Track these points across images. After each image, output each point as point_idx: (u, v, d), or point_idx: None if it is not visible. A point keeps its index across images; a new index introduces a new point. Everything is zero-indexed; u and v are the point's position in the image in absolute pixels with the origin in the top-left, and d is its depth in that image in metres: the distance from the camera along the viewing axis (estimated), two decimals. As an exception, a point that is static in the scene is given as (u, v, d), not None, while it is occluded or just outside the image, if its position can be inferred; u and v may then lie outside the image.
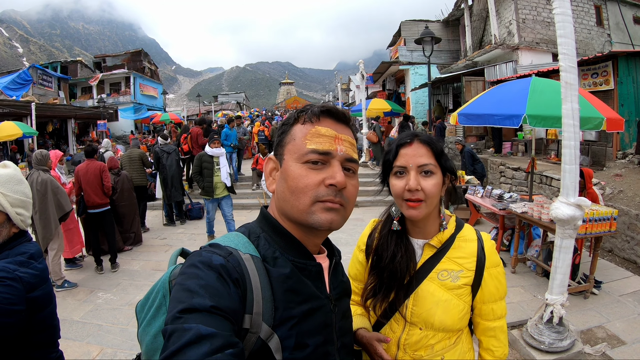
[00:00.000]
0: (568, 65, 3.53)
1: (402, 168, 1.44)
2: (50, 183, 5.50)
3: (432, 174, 1.42)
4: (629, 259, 6.61)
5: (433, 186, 1.40)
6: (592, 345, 4.09)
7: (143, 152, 9.82)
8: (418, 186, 1.39)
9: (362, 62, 16.13)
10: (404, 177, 1.44)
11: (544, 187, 9.20)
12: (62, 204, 5.55)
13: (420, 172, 1.42)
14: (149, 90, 36.41)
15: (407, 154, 1.44)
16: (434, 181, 1.41)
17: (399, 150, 1.47)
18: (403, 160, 1.44)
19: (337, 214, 1.00)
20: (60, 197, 5.54)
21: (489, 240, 1.57)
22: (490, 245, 1.54)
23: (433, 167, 1.42)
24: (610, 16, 17.02)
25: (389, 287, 1.50)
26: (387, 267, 1.50)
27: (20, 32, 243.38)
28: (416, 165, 1.42)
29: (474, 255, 1.49)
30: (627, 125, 10.07)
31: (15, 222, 1.74)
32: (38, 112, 16.70)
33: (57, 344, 1.85)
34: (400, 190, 1.43)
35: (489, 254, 1.51)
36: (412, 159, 1.42)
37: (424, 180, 1.41)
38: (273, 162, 1.10)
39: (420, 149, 1.44)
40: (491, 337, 1.54)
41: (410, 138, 1.47)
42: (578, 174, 3.73)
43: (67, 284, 5.86)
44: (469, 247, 1.51)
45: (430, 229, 1.53)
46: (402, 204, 1.44)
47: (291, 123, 1.09)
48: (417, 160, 1.42)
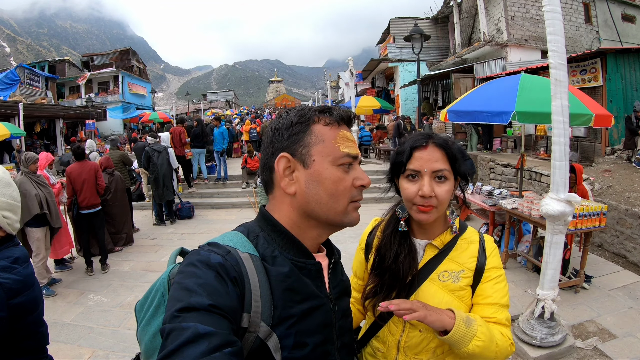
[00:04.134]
0: (558, 62, 3.55)
1: (415, 172, 1.39)
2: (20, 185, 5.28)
3: (446, 180, 1.38)
4: (619, 254, 6.68)
5: (446, 192, 1.37)
6: (584, 339, 4.13)
7: (123, 153, 9.65)
8: (432, 193, 1.35)
9: (352, 60, 16.15)
10: (417, 182, 1.39)
11: (534, 183, 9.26)
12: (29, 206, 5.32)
13: (434, 177, 1.37)
14: (138, 89, 36.15)
15: (422, 157, 1.39)
16: (447, 187, 1.38)
17: (413, 153, 1.41)
18: (417, 164, 1.39)
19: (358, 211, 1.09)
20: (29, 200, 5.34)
21: (491, 242, 1.54)
22: (492, 247, 1.52)
23: (447, 173, 1.38)
24: (598, 13, 17.21)
25: (391, 287, 1.47)
26: (389, 267, 1.46)
27: (7, 31, 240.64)
28: (431, 171, 1.37)
29: (474, 256, 1.47)
30: (616, 122, 10.17)
31: (2, 225, 1.69)
32: (26, 112, 16.44)
33: (45, 349, 1.80)
34: (412, 195, 1.39)
35: (490, 255, 1.49)
36: (427, 163, 1.37)
37: (438, 186, 1.37)
38: (288, 160, 1.03)
39: (436, 153, 1.39)
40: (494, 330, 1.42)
41: (426, 140, 1.41)
42: (568, 170, 3.76)
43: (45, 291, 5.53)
44: (471, 248, 1.49)
45: (435, 231, 1.50)
46: (412, 207, 1.41)
47: (308, 123, 1.05)
48: (432, 165, 1.37)
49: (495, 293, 1.43)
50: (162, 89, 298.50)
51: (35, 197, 5.39)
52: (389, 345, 1.49)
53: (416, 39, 12.38)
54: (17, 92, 24.26)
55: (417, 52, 12.50)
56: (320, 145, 1.02)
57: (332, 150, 1.02)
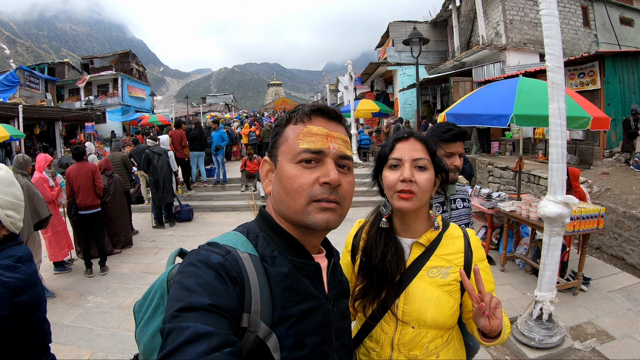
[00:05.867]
0: (555, 65, 3.58)
1: (397, 160, 1.48)
2: (27, 188, 5.24)
3: (426, 170, 1.46)
4: (617, 256, 6.69)
5: (426, 180, 1.45)
6: (582, 340, 4.14)
7: (125, 156, 9.70)
8: (412, 177, 1.43)
9: (351, 63, 16.13)
10: (398, 170, 1.47)
11: (532, 186, 9.27)
12: (38, 210, 5.27)
13: (415, 165, 1.46)
14: (137, 91, 36.14)
15: (403, 147, 1.49)
16: (427, 176, 1.45)
17: (395, 144, 1.52)
18: (399, 153, 1.48)
19: (333, 213, 1.00)
20: (37, 203, 5.24)
21: (474, 236, 1.61)
22: (476, 241, 1.58)
23: (427, 163, 1.47)
24: (596, 17, 17.23)
25: (379, 287, 1.50)
26: (376, 267, 1.50)
27: (7, 33, 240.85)
28: (411, 158, 1.46)
29: (461, 251, 1.52)
30: (614, 124, 10.21)
31: (5, 224, 1.70)
32: (25, 114, 16.43)
33: (48, 348, 1.81)
34: (394, 182, 1.46)
35: (475, 249, 1.55)
36: (408, 152, 1.47)
37: (418, 174, 1.45)
38: (268, 164, 1.10)
39: (416, 145, 1.49)
40: None
41: (407, 134, 1.52)
42: (565, 172, 3.77)
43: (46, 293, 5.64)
44: (457, 244, 1.54)
45: (419, 228, 1.55)
46: (394, 195, 1.47)
47: (284, 124, 1.08)
48: (412, 153, 1.47)
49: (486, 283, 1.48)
50: (162, 91, 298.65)
51: (44, 200, 5.39)
52: (382, 344, 1.51)
53: (415, 43, 12.43)
54: (16, 94, 24.25)
55: (416, 56, 12.54)
56: (284, 145, 1.05)
57: (292, 148, 1.02)
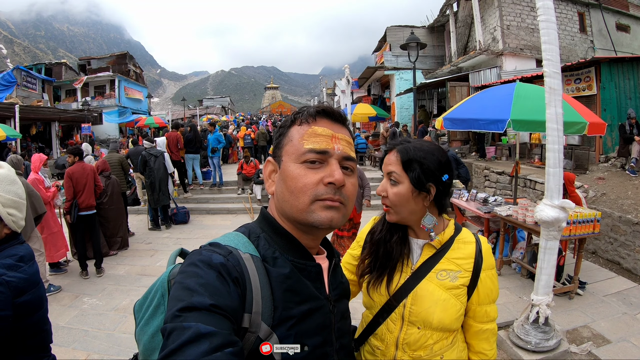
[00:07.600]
0: (552, 71, 3.60)
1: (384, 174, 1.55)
2: (25, 186, 5.31)
3: (397, 183, 1.48)
4: (613, 260, 6.72)
5: (394, 194, 1.48)
6: (578, 344, 4.15)
7: (122, 157, 9.68)
8: (384, 192, 1.51)
9: (348, 67, 16.20)
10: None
11: (528, 191, 9.31)
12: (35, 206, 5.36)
13: (389, 179, 1.51)
14: (134, 93, 36.11)
15: (385, 161, 1.55)
16: (397, 190, 1.48)
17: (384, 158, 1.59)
18: (383, 167, 1.56)
19: (337, 211, 1.00)
20: (35, 200, 5.36)
21: (486, 243, 1.60)
22: (487, 248, 1.58)
23: (397, 177, 1.48)
24: (593, 23, 17.34)
25: (383, 265, 1.54)
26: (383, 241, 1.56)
27: (4, 33, 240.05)
28: (386, 172, 1.53)
29: (472, 257, 1.52)
30: (610, 130, 10.27)
31: (7, 223, 1.69)
32: (22, 114, 16.38)
33: (49, 348, 1.81)
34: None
35: (486, 256, 1.54)
36: (385, 166, 1.54)
37: (390, 188, 1.50)
38: (272, 164, 1.10)
39: (391, 157, 1.53)
40: (483, 340, 1.55)
41: (392, 146, 1.56)
42: (562, 176, 3.79)
43: (52, 288, 5.78)
44: (468, 249, 1.54)
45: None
46: None
47: (288, 125, 1.09)
48: (386, 167, 1.53)
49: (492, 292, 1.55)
50: (159, 93, 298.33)
51: (40, 197, 5.41)
52: (387, 343, 1.52)
53: (412, 47, 12.47)
54: (13, 94, 24.18)
55: (413, 60, 12.58)
56: (288, 145, 1.05)
57: (297, 148, 1.02)
